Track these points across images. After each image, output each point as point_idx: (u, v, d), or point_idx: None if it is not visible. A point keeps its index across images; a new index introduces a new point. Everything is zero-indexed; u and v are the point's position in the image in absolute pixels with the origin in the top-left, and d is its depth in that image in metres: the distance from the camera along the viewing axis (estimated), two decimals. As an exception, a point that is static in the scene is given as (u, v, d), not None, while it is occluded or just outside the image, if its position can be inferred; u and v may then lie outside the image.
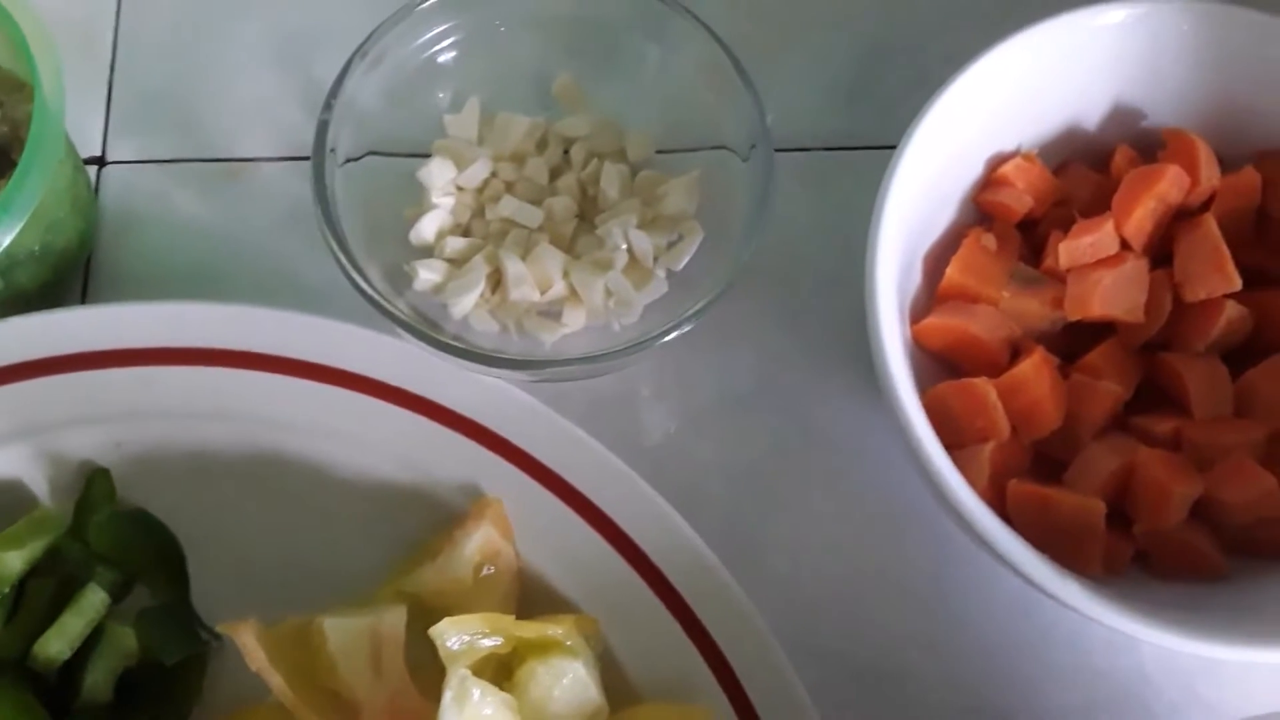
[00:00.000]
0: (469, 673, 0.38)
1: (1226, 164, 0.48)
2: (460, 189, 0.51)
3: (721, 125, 0.50)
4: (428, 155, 0.51)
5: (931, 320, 0.47)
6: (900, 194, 0.45)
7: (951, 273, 0.47)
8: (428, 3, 0.49)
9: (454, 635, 0.40)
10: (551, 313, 0.49)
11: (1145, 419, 0.46)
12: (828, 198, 0.54)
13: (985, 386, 0.45)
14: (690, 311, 0.46)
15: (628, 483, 0.45)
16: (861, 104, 0.56)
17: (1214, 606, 0.43)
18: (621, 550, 0.44)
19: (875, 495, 0.50)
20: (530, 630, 0.41)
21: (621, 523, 0.44)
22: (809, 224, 0.54)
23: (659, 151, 0.52)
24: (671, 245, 0.50)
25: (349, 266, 0.45)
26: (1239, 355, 0.47)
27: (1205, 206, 0.48)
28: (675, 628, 0.43)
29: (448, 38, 0.51)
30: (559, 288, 0.49)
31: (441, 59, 0.51)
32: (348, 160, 0.49)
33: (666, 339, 0.46)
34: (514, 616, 0.43)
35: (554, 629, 0.41)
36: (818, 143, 0.55)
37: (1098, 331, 0.47)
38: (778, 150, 0.53)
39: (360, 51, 0.48)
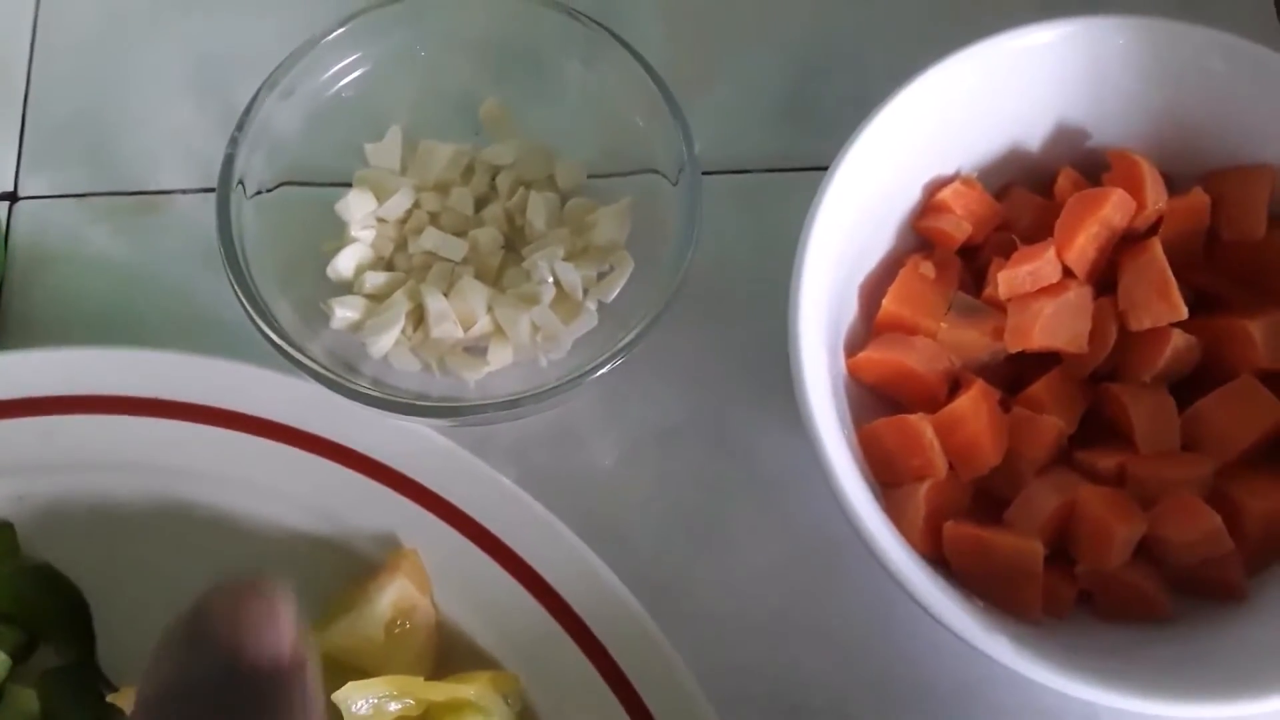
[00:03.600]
0: (367, 744, 0.37)
1: (1175, 183, 0.47)
2: (381, 221, 0.49)
3: (651, 149, 0.48)
4: (348, 185, 0.49)
5: (867, 353, 0.45)
6: (829, 221, 0.43)
7: (888, 303, 0.46)
8: (338, 31, 0.47)
9: (360, 699, 0.38)
10: (477, 350, 0.48)
11: (1090, 453, 0.44)
12: (767, 221, 0.52)
13: (920, 423, 0.43)
14: (620, 345, 0.45)
15: (550, 530, 0.43)
16: (803, 123, 0.54)
17: (1160, 652, 0.42)
18: (544, 601, 0.42)
19: (812, 530, 0.48)
20: (440, 692, 0.39)
21: (544, 572, 0.43)
22: (748, 248, 0.52)
23: (591, 176, 0.50)
24: (602, 276, 0.48)
25: (253, 311, 0.44)
26: (1188, 385, 0.45)
27: (1152, 230, 0.46)
28: (598, 681, 0.42)
29: (366, 64, 0.49)
30: (483, 324, 0.47)
31: (361, 86, 0.49)
32: (260, 191, 0.47)
33: (594, 376, 0.44)
34: (431, 672, 0.41)
35: (465, 690, 0.39)
36: (757, 164, 0.53)
37: (1043, 361, 0.45)
38: (716, 173, 0.52)
39: (269, 82, 0.47)
